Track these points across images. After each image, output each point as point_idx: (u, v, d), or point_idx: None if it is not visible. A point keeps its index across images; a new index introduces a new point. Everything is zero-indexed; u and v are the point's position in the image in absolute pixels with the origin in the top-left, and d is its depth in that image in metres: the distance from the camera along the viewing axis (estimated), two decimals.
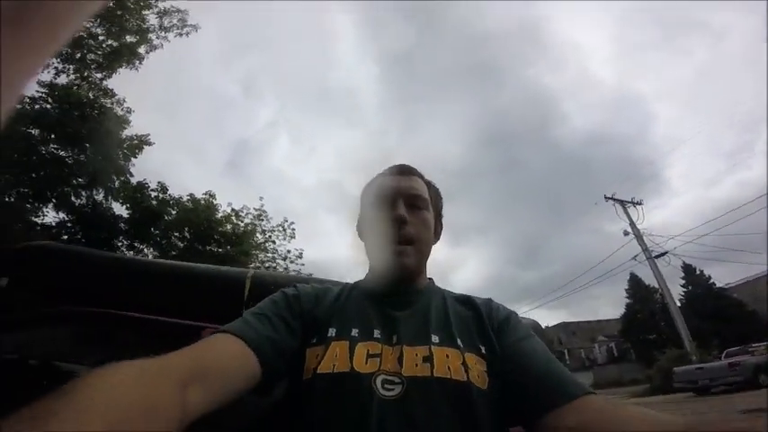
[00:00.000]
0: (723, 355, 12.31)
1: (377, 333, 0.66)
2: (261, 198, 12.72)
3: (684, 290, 26.45)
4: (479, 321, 0.70)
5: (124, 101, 8.78)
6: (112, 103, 8.62)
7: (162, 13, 7.73)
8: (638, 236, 16.46)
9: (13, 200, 7.45)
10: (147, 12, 7.68)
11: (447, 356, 0.62)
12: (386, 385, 0.58)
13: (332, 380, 0.59)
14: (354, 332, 0.66)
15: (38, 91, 8.03)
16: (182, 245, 11.39)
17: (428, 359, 0.61)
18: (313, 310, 0.70)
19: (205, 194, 11.61)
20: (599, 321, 36.76)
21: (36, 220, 8.34)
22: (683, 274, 26.09)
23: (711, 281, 26.09)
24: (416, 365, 0.60)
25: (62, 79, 7.84)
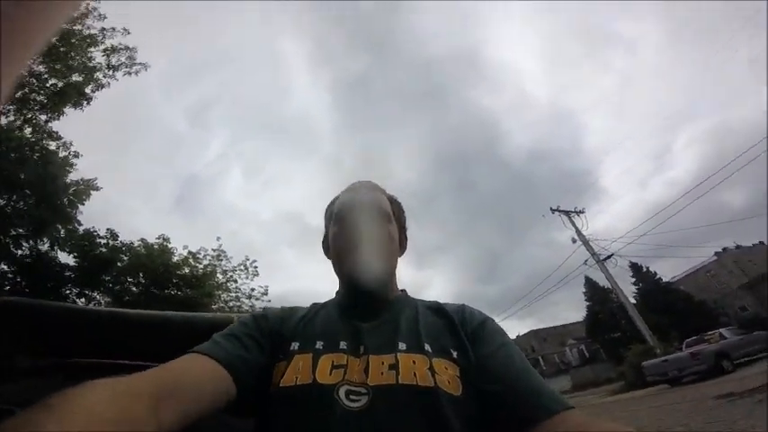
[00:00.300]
0: (683, 345, 12.89)
1: (343, 345, 0.65)
2: (218, 238, 12.38)
3: (636, 287, 28.18)
4: (452, 327, 0.69)
5: (71, 144, 8.35)
6: (57, 147, 8.16)
7: (109, 51, 7.51)
8: (585, 242, 17.65)
9: None
10: (93, 49, 7.43)
11: (413, 362, 0.60)
12: (351, 396, 0.56)
13: (294, 392, 0.57)
14: (319, 345, 0.65)
15: None
16: (136, 290, 10.81)
17: (394, 366, 0.59)
18: (280, 328, 0.70)
19: (158, 239, 11.19)
20: (565, 326, 37.96)
21: None
22: (631, 273, 27.85)
23: (658, 276, 28.04)
24: (382, 374, 0.58)
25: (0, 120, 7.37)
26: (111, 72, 7.53)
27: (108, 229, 10.32)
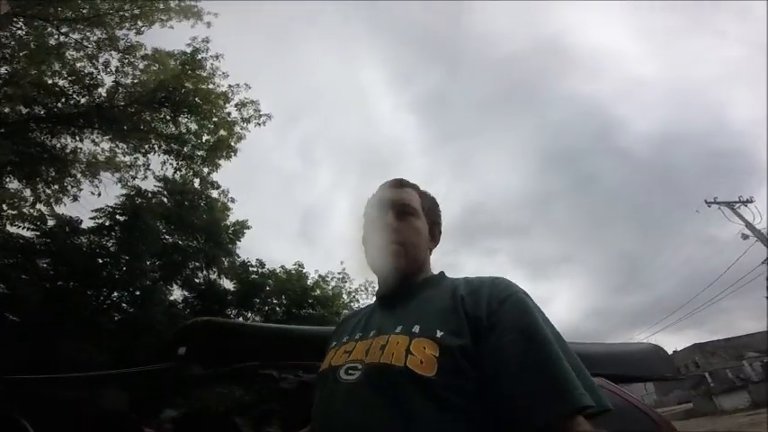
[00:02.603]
0: None
1: (358, 334, 0.76)
2: (342, 262, 13.46)
3: None
4: (451, 308, 0.69)
5: (228, 191, 10.15)
6: (219, 195, 10.00)
7: (240, 105, 8.77)
8: (761, 236, 13.93)
9: (150, 283, 8.67)
10: (227, 105, 8.70)
11: (397, 343, 0.65)
12: (350, 371, 0.67)
13: (319, 377, 0.75)
14: (345, 338, 0.79)
15: (155, 185, 9.74)
16: (279, 310, 12.30)
17: (383, 347, 0.66)
18: (333, 333, 0.89)
19: (295, 265, 12.69)
20: (740, 337, 30.73)
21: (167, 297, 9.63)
22: None
23: None
24: (374, 353, 0.66)
25: (171, 171, 9.20)
26: (244, 124, 8.79)
27: (257, 259, 12.23)
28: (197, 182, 9.51)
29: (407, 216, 0.84)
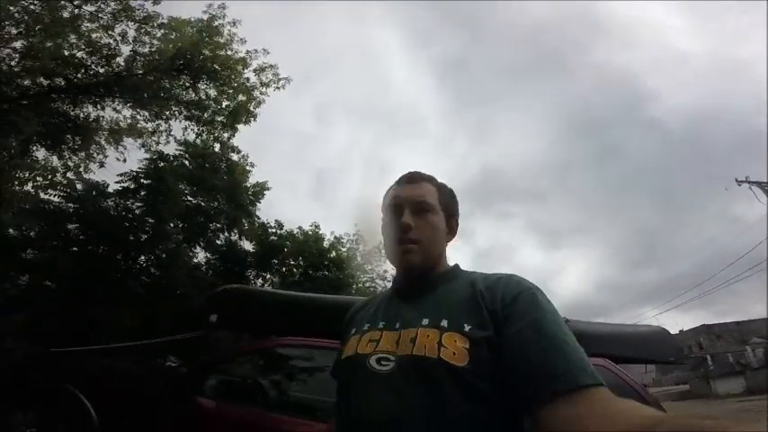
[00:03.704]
0: None
1: (381, 324, 0.79)
2: (356, 224, 13.49)
3: None
4: (473, 302, 0.73)
5: (248, 156, 10.27)
6: (239, 159, 10.00)
7: (258, 70, 8.68)
8: None
9: (174, 246, 9.00)
10: (246, 70, 8.66)
11: (428, 336, 0.69)
12: (382, 362, 0.70)
13: (344, 363, 0.78)
14: (366, 326, 0.81)
15: (177, 149, 9.84)
16: (297, 272, 12.66)
17: (414, 340, 0.69)
18: (347, 321, 0.92)
19: (311, 226, 12.78)
20: (749, 321, 30.63)
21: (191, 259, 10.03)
22: None
23: None
24: (405, 345, 0.70)
25: (190, 135, 9.35)
26: (264, 89, 8.72)
27: (276, 221, 12.35)
28: (217, 146, 9.47)
29: (424, 213, 0.85)
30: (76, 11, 7.04)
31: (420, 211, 0.85)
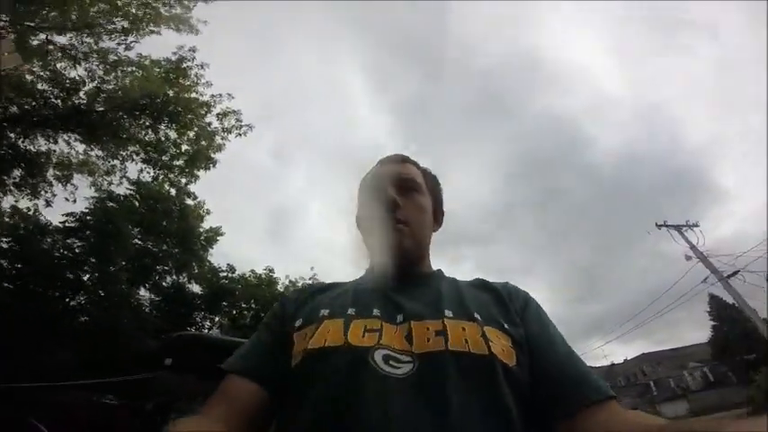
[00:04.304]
0: None
1: (376, 311, 0.60)
2: (312, 268, 13.65)
3: None
4: (499, 299, 0.65)
5: (204, 202, 10.38)
6: (194, 205, 10.16)
7: (222, 116, 8.78)
8: (703, 258, 15.33)
9: (121, 287, 8.72)
10: (209, 114, 8.69)
11: (463, 329, 0.55)
12: (391, 362, 0.52)
13: (321, 355, 0.53)
14: (351, 311, 0.61)
15: (127, 188, 9.68)
16: (249, 314, 12.44)
17: (441, 332, 0.54)
18: (301, 300, 0.69)
19: (265, 270, 12.88)
20: (685, 348, 33.02)
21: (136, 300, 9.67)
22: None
23: None
24: (428, 340, 0.54)
25: (146, 177, 9.13)
26: (225, 134, 8.79)
27: (228, 264, 12.35)
28: (173, 190, 9.55)
29: (412, 192, 0.74)
30: (46, 39, 7.06)
31: (408, 189, 0.74)
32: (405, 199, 0.72)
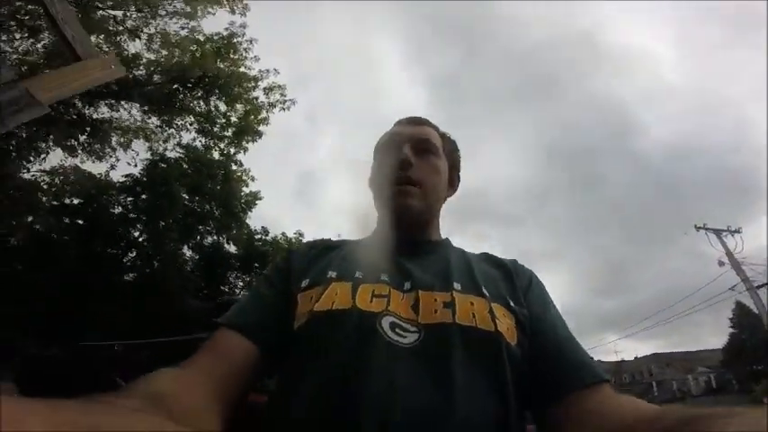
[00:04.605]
0: None
1: (384, 277, 0.60)
2: (339, 235, 14.27)
3: None
4: (507, 276, 0.65)
5: (249, 170, 11.01)
6: (240, 172, 10.84)
7: (268, 90, 9.34)
8: (737, 266, 14.95)
9: (169, 244, 9.59)
10: (256, 89, 9.24)
11: (472, 304, 0.55)
12: (397, 330, 0.51)
13: (330, 317, 0.53)
14: (358, 274, 0.60)
15: (177, 152, 10.43)
16: None
17: (449, 305, 0.54)
18: (309, 258, 0.67)
19: (295, 234, 13.62)
20: (698, 351, 32.92)
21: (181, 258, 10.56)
22: None
23: None
24: (435, 311, 0.54)
25: (198, 145, 9.96)
26: (271, 109, 9.36)
27: (262, 227, 13.13)
28: (220, 156, 10.17)
29: (427, 153, 0.73)
30: (105, 13, 7.52)
31: (423, 150, 0.73)
32: (419, 160, 0.71)
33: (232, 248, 12.52)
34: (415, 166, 0.69)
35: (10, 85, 1.57)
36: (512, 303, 0.59)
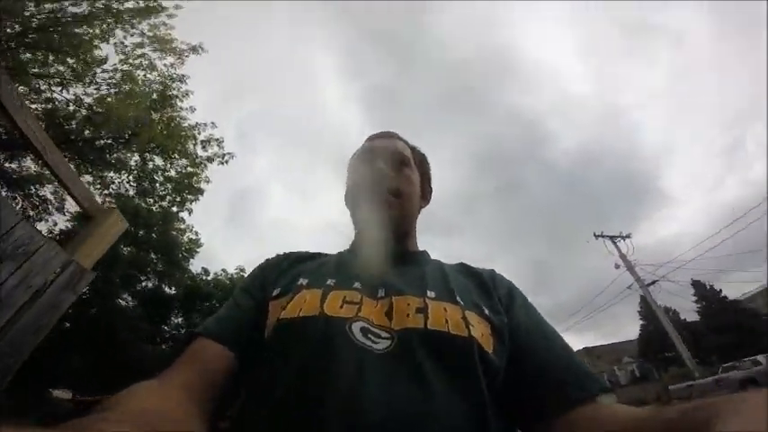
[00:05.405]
0: (719, 370, 12.85)
1: (357, 284, 0.59)
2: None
3: (698, 306, 27.12)
4: (483, 285, 0.65)
5: (192, 227, 11.31)
6: (181, 230, 11.07)
7: (205, 143, 9.24)
8: (630, 268, 17.89)
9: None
10: (192, 142, 9.13)
11: (445, 310, 0.54)
12: (369, 335, 0.50)
13: (294, 325, 0.51)
14: (330, 282, 0.59)
15: (108, 202, 10.19)
16: None
17: (422, 311, 0.53)
18: (282, 268, 0.67)
19: (236, 269, 13.95)
20: (622, 343, 36.38)
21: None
22: (693, 291, 26.88)
23: (723, 294, 26.73)
24: (408, 316, 0.53)
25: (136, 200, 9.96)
26: (207, 162, 9.24)
27: (203, 267, 13.33)
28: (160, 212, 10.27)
29: (401, 165, 0.75)
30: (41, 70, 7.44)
31: (398, 163, 0.75)
32: (395, 172, 0.73)
33: (172, 290, 12.67)
34: (392, 179, 0.72)
35: (63, 262, 1.52)
36: (486, 311, 0.58)
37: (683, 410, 0.34)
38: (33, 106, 7.57)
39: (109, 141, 8.46)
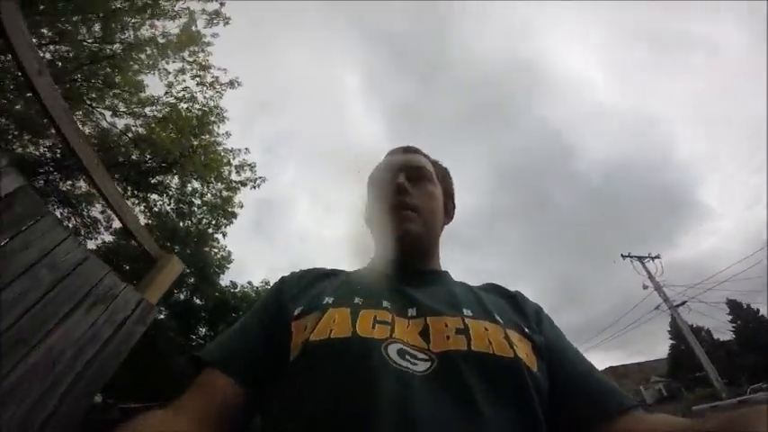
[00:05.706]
0: (748, 390, 12.87)
1: (386, 304, 0.56)
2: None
3: (734, 325, 26.03)
4: (516, 304, 0.64)
5: (225, 246, 12.04)
6: (215, 248, 11.73)
7: (239, 168, 9.85)
8: (658, 288, 17.48)
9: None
10: (227, 168, 9.77)
11: (485, 329, 0.52)
12: (407, 356, 0.48)
13: (328, 347, 0.48)
14: (357, 300, 0.56)
15: (149, 221, 11.00)
16: None
17: (462, 331, 0.51)
18: (302, 285, 0.65)
19: (261, 283, 14.41)
20: (650, 362, 35.20)
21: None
22: (728, 310, 25.90)
23: (761, 313, 25.66)
24: (448, 338, 0.50)
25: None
26: (240, 186, 9.88)
27: (231, 281, 13.87)
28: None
29: (422, 180, 0.73)
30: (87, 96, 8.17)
31: (419, 178, 0.73)
32: (415, 187, 0.71)
33: (201, 302, 13.29)
34: (412, 193, 0.69)
35: (137, 301, 1.75)
36: (526, 329, 0.57)
37: (723, 419, 0.34)
38: (87, 130, 8.38)
39: (153, 165, 9.15)
